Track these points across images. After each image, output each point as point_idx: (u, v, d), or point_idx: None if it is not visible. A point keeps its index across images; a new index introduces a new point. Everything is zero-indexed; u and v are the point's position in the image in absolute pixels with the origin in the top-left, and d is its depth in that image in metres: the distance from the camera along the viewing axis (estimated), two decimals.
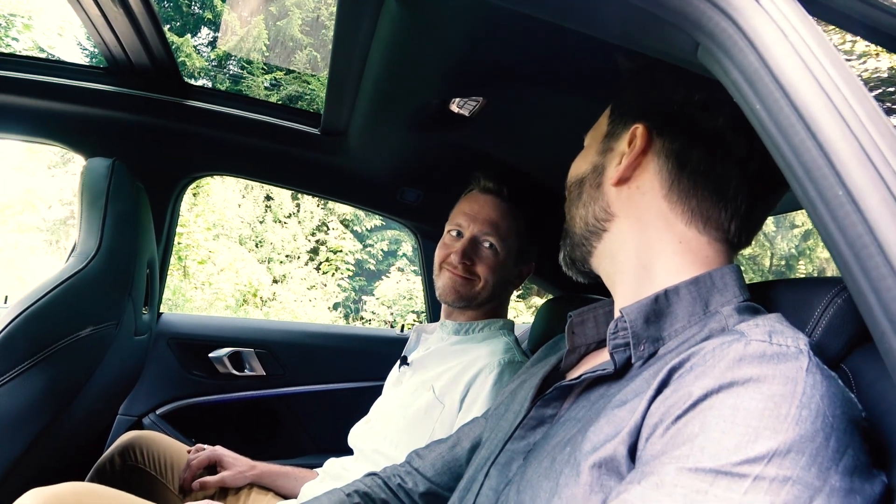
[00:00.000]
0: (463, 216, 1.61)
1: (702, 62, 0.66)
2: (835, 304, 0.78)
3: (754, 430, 0.56)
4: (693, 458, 0.57)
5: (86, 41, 12.96)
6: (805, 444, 0.55)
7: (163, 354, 2.28)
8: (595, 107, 0.97)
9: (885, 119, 0.56)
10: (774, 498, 0.53)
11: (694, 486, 0.55)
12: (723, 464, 0.56)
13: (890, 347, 0.52)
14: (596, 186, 0.92)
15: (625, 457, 0.66)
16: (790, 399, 0.57)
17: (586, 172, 0.95)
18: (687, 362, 0.68)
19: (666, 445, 0.61)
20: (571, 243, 0.97)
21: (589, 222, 0.92)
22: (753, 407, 0.58)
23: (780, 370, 0.60)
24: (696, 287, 0.80)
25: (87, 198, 1.52)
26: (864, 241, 0.52)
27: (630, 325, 0.78)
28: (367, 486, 1.20)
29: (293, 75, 13.71)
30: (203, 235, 11.23)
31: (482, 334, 1.61)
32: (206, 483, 1.58)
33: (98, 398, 1.58)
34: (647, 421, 0.66)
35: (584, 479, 0.68)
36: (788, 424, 0.56)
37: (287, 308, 12.03)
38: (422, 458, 1.23)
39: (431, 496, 1.18)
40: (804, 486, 0.53)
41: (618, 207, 0.89)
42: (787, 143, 0.57)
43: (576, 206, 0.95)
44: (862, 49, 1.21)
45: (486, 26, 1.14)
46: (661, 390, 0.68)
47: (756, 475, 0.54)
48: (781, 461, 0.54)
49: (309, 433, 2.47)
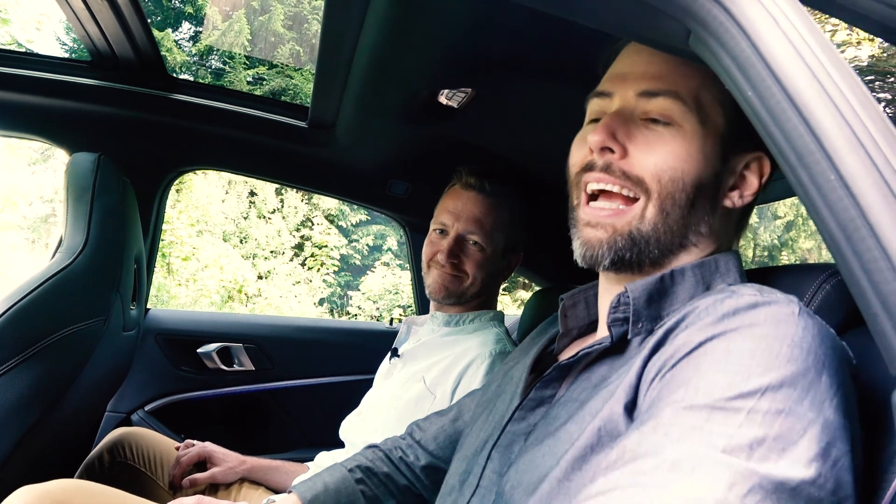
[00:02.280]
0: (447, 214, 1.61)
1: (693, 50, 0.66)
2: (823, 290, 0.80)
3: (747, 368, 0.58)
4: (688, 398, 0.59)
5: (65, 36, 12.80)
6: (797, 379, 0.56)
7: (151, 350, 2.26)
8: (583, 99, 0.96)
9: (876, 105, 0.57)
10: (768, 430, 0.54)
11: (690, 423, 0.56)
12: (717, 399, 0.57)
13: (882, 329, 0.52)
14: (709, 198, 0.82)
15: (622, 415, 0.68)
16: (782, 339, 0.59)
17: (708, 178, 0.81)
18: (682, 322, 0.70)
19: (661, 392, 0.63)
20: (632, 245, 0.82)
21: (683, 233, 0.82)
22: (746, 348, 0.60)
23: (771, 314, 0.62)
24: (701, 270, 0.82)
25: (73, 193, 1.51)
26: (856, 224, 0.52)
27: (633, 302, 0.79)
28: (369, 460, 1.21)
29: (276, 70, 13.62)
30: (186, 232, 11.14)
31: (472, 325, 1.62)
32: (196, 480, 1.57)
33: (87, 395, 1.57)
34: (644, 377, 0.68)
35: (584, 441, 0.70)
36: (781, 362, 0.57)
37: (272, 304, 11.97)
38: (423, 430, 1.24)
39: (432, 469, 1.19)
40: (798, 418, 0.54)
41: (716, 229, 0.84)
42: (779, 129, 0.57)
43: (681, 208, 0.80)
44: (842, 38, 1.23)
45: (475, 17, 1.14)
46: (656, 349, 0.70)
47: (750, 408, 0.55)
48: (774, 395, 0.55)
49: (299, 427, 2.47)
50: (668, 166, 0.79)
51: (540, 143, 1.71)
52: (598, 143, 0.81)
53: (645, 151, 0.80)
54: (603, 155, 0.82)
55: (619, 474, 0.57)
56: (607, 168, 0.82)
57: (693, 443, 0.55)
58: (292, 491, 1.13)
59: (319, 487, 1.13)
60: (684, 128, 0.80)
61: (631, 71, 0.85)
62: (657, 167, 0.79)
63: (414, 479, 1.20)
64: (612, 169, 0.81)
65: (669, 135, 0.80)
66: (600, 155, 0.82)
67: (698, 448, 0.54)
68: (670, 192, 0.79)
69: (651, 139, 0.80)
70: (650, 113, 0.81)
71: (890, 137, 0.54)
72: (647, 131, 0.81)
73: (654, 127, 0.81)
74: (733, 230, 0.89)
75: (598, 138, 0.81)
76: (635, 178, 0.80)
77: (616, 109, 0.84)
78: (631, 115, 0.83)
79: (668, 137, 0.80)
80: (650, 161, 0.80)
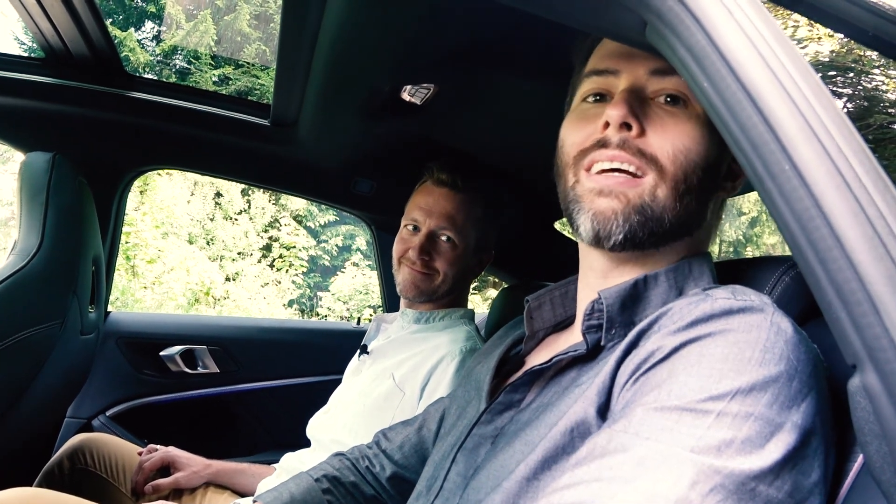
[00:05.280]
0: (418, 210, 1.60)
1: (650, 41, 0.66)
2: (783, 282, 0.81)
3: (719, 372, 0.58)
4: (661, 400, 0.59)
5: (24, 35, 12.51)
6: (768, 384, 0.57)
7: (112, 354, 2.22)
8: (547, 90, 0.96)
9: (829, 94, 0.57)
10: (737, 432, 0.54)
11: (660, 425, 0.57)
12: (688, 401, 0.57)
13: (837, 318, 0.53)
14: (713, 184, 0.81)
15: (594, 417, 0.68)
16: (754, 344, 0.60)
17: (714, 163, 0.79)
18: (655, 323, 0.70)
19: (635, 395, 0.63)
20: (644, 223, 0.78)
21: (690, 219, 0.81)
22: (719, 353, 0.60)
23: (745, 320, 0.62)
24: (675, 274, 0.81)
25: (27, 193, 1.47)
26: (811, 213, 0.53)
27: (607, 309, 0.78)
28: (336, 469, 1.19)
29: (242, 70, 13.47)
30: (151, 234, 10.95)
31: (443, 323, 1.62)
32: (160, 485, 1.55)
33: (44, 400, 1.54)
34: (617, 380, 0.68)
35: (554, 442, 0.69)
36: (752, 366, 0.58)
37: (241, 306, 11.83)
38: (389, 440, 1.22)
39: (398, 479, 1.18)
40: (765, 422, 0.55)
41: (708, 219, 0.84)
42: (734, 119, 0.58)
43: (692, 191, 0.78)
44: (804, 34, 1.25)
45: (434, 11, 1.13)
46: (629, 351, 0.70)
47: (719, 411, 0.56)
48: (744, 398, 0.56)
49: (265, 429, 2.44)
50: (683, 147, 0.76)
51: (505, 137, 1.72)
52: (621, 117, 0.77)
53: (661, 131, 0.77)
54: (620, 131, 0.78)
55: (586, 469, 0.58)
56: (623, 144, 0.77)
57: (662, 442, 0.55)
58: (257, 501, 1.11)
59: (285, 497, 1.11)
60: (697, 109, 0.78)
61: (637, 49, 0.79)
62: (674, 147, 0.76)
63: (380, 489, 1.19)
64: (629, 145, 0.77)
65: (685, 115, 0.78)
66: (617, 131, 0.78)
67: (666, 447, 0.55)
68: (685, 174, 0.77)
69: (666, 119, 0.78)
70: (665, 90, 0.79)
71: (842, 127, 0.55)
72: (661, 111, 0.79)
73: (667, 107, 0.79)
74: (716, 224, 0.89)
75: (620, 112, 0.76)
76: (650, 156, 0.77)
77: (627, 86, 0.81)
78: (643, 93, 0.80)
79: (683, 118, 0.78)
80: (667, 141, 0.77)
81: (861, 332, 0.50)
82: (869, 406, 0.52)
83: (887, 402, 0.50)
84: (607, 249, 0.80)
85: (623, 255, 0.82)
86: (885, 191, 0.52)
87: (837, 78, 5.50)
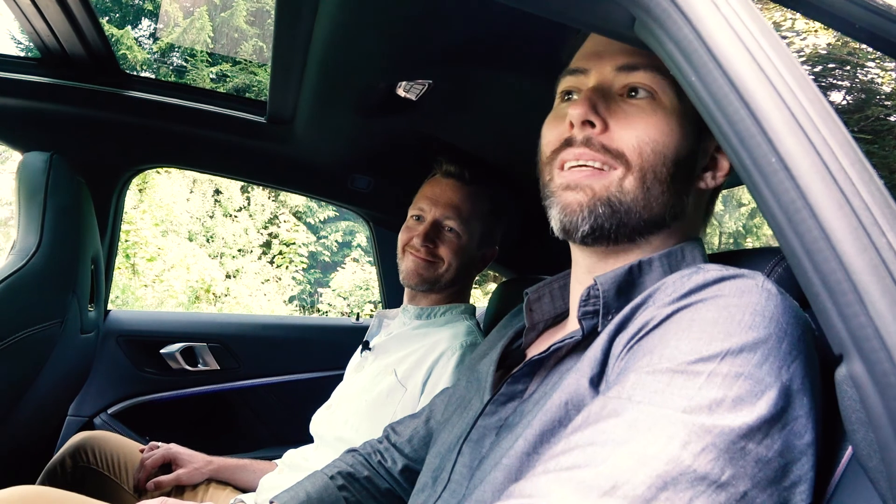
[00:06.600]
0: (425, 200, 1.61)
1: (638, 36, 0.67)
2: (776, 273, 0.81)
3: (709, 335, 0.59)
4: (652, 364, 0.60)
5: (20, 34, 12.48)
6: (758, 345, 0.58)
7: (112, 352, 2.23)
8: (541, 87, 0.97)
9: (815, 87, 0.58)
10: (727, 391, 0.55)
11: (652, 387, 0.58)
12: (679, 363, 0.58)
13: (824, 309, 0.53)
14: (686, 177, 0.82)
15: (587, 388, 0.69)
16: (744, 308, 0.61)
17: (686, 155, 0.80)
18: (650, 298, 0.71)
19: (628, 362, 0.64)
20: (612, 214, 0.79)
21: (662, 210, 0.81)
22: (710, 317, 0.61)
23: (736, 285, 0.63)
24: (668, 259, 0.82)
25: (25, 193, 1.48)
26: (797, 205, 0.53)
27: (603, 294, 0.78)
28: (349, 465, 1.21)
29: (239, 66, 13.44)
30: (151, 232, 10.95)
31: (444, 318, 1.62)
32: (161, 482, 1.55)
33: (46, 399, 1.54)
34: (612, 352, 0.69)
35: (550, 416, 0.70)
36: (742, 328, 0.59)
37: (241, 303, 11.83)
38: (398, 433, 1.23)
39: (410, 472, 1.19)
40: (755, 382, 0.56)
41: (689, 212, 0.84)
42: (721, 112, 0.58)
43: (661, 182, 0.79)
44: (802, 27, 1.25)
45: (428, 7, 1.14)
46: (623, 325, 0.71)
47: (710, 371, 0.57)
48: (734, 359, 0.57)
49: (267, 425, 2.45)
50: (649, 139, 0.77)
51: (500, 133, 1.72)
52: (580, 115, 0.78)
53: (625, 125, 0.78)
54: (584, 129, 0.80)
55: (580, 434, 0.59)
56: (587, 142, 0.79)
57: (653, 404, 0.56)
58: (273, 501, 1.12)
59: (302, 496, 1.12)
60: (664, 101, 0.79)
61: (607, 49, 0.82)
62: (639, 140, 0.77)
63: (393, 482, 1.20)
64: (593, 143, 0.79)
65: (650, 108, 0.79)
66: (581, 129, 0.80)
67: (658, 409, 0.56)
68: (651, 165, 0.78)
69: (631, 113, 0.79)
70: (631, 84, 0.80)
71: (828, 119, 0.55)
72: (627, 105, 0.80)
73: (633, 101, 0.80)
74: (702, 214, 0.89)
75: (579, 111, 0.78)
76: (615, 152, 0.78)
77: (594, 84, 0.82)
78: (609, 89, 0.81)
79: (648, 111, 0.79)
80: (631, 134, 0.78)
81: (847, 322, 0.51)
82: (855, 395, 0.53)
83: (873, 390, 0.50)
84: (578, 243, 0.83)
85: (602, 250, 0.84)
86: (869, 182, 0.53)
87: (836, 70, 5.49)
